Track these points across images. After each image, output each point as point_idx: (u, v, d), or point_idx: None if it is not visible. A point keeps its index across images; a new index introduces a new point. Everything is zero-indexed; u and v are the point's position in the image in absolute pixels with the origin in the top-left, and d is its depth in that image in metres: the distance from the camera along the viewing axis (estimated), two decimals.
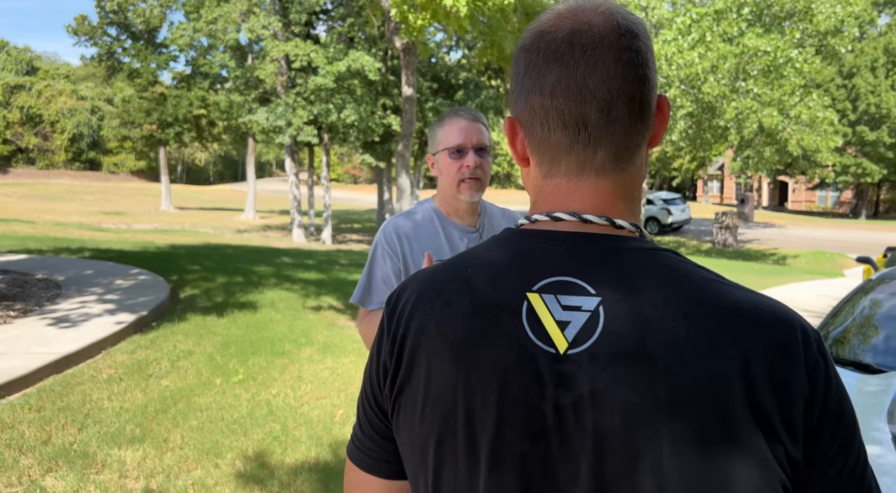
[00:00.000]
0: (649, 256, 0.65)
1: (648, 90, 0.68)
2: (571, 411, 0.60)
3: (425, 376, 0.67)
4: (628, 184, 0.69)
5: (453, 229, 1.74)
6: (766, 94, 15.30)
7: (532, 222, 0.71)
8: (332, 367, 5.02)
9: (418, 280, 0.73)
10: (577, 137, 0.67)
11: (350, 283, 8.90)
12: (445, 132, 1.69)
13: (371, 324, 1.71)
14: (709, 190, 48.93)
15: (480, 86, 17.77)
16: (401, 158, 6.42)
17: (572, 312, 0.62)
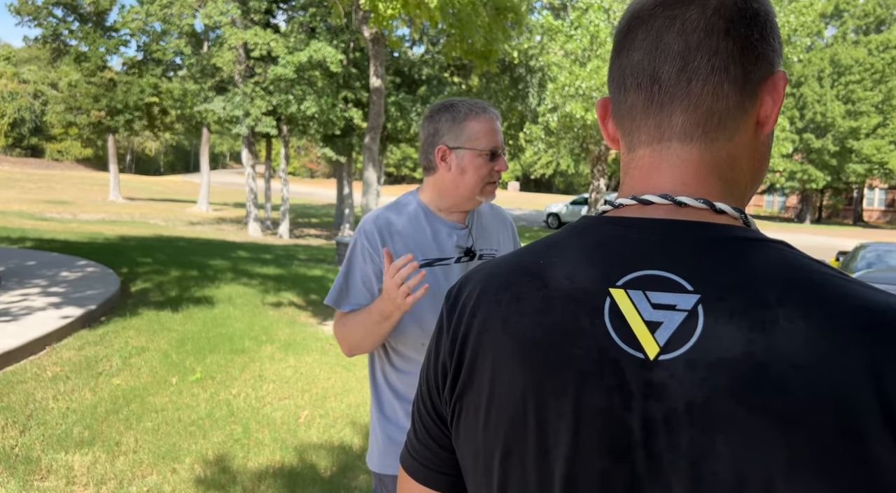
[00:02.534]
0: (757, 247, 0.56)
1: (746, 52, 0.58)
2: (663, 425, 0.52)
3: (490, 379, 0.59)
4: (723, 159, 0.59)
5: (441, 226, 1.60)
6: None
7: (617, 208, 0.62)
8: (294, 366, 4.83)
9: (483, 272, 0.66)
10: (650, 97, 0.59)
11: (311, 279, 8.67)
12: (477, 130, 1.55)
13: (346, 326, 1.56)
14: None
15: (444, 82, 17.63)
16: (368, 151, 6.25)
17: (665, 311, 0.54)
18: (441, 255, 1.57)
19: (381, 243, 1.55)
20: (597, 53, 16.04)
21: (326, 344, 5.43)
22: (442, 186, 1.59)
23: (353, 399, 4.21)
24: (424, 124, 1.63)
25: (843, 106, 33.20)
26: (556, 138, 17.91)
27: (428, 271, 1.53)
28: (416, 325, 1.54)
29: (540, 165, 41.87)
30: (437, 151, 1.57)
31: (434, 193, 1.61)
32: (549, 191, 53.22)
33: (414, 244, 1.56)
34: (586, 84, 15.04)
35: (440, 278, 1.55)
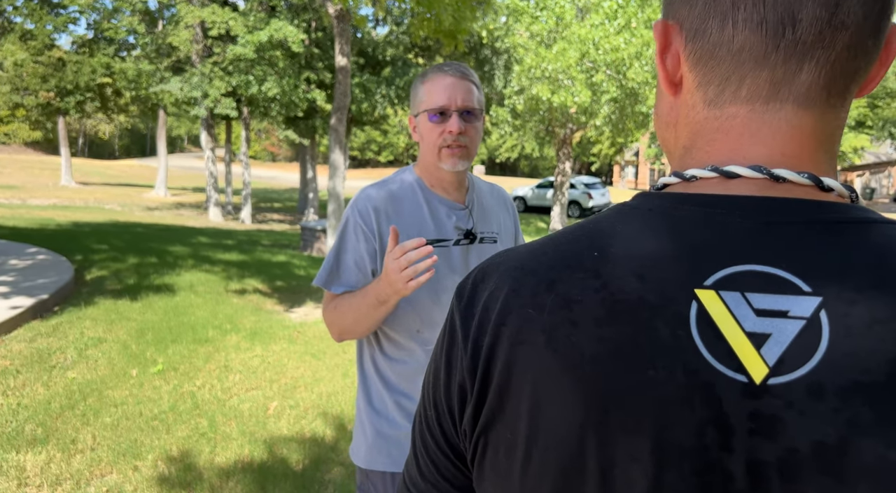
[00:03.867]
0: (887, 232, 0.44)
1: (889, 4, 0.46)
2: (777, 472, 0.39)
3: (530, 409, 0.45)
4: (833, 129, 0.47)
5: (439, 204, 1.49)
6: None
7: (688, 181, 0.48)
8: (261, 355, 4.67)
9: (509, 265, 0.51)
10: (777, 42, 0.44)
11: (275, 265, 8.46)
12: (427, 90, 1.44)
13: (337, 310, 1.45)
14: (625, 175, 50.67)
15: (409, 63, 17.35)
16: (334, 132, 6.05)
17: (774, 319, 0.41)
18: (439, 235, 1.47)
19: (376, 220, 1.44)
20: (562, 35, 15.97)
21: (294, 332, 5.28)
22: (421, 158, 1.52)
23: (324, 389, 4.08)
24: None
25: None
26: (522, 121, 17.85)
27: None
28: (411, 310, 1.44)
29: (505, 149, 41.89)
30: (410, 123, 1.53)
31: (421, 166, 1.53)
32: (515, 174, 53.37)
33: (411, 222, 1.46)
34: (552, 66, 14.98)
35: (438, 260, 1.44)
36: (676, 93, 0.51)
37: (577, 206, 23.76)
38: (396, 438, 1.47)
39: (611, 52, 14.83)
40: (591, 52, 14.94)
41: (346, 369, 4.45)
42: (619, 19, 15.38)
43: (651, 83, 15.67)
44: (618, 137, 18.64)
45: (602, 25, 15.28)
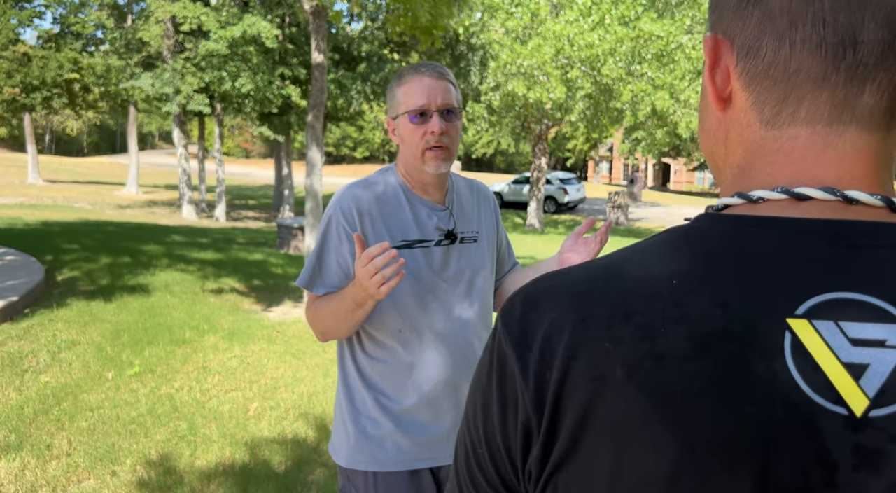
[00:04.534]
0: None
1: None
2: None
3: (612, 450, 0.42)
4: (893, 151, 0.47)
5: (420, 206, 1.49)
6: (659, 77, 15.91)
7: (754, 202, 0.47)
8: (240, 356, 4.62)
9: (568, 292, 0.48)
10: (837, 64, 0.44)
11: (252, 263, 8.38)
12: (406, 91, 1.43)
13: (319, 311, 1.45)
14: (599, 171, 51.09)
15: (384, 59, 17.25)
16: (310, 129, 5.99)
17: (870, 349, 0.40)
18: (422, 236, 1.47)
19: (360, 220, 1.43)
20: (537, 31, 16.03)
21: (273, 332, 5.23)
22: (402, 160, 1.51)
23: (305, 389, 4.05)
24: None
25: None
26: (499, 117, 17.89)
27: (408, 253, 1.44)
28: (394, 311, 1.44)
29: (481, 145, 41.93)
30: (388, 125, 1.51)
31: (402, 169, 1.52)
32: (491, 170, 53.47)
33: (393, 222, 1.46)
34: (528, 62, 15.03)
35: (420, 260, 1.46)
36: (725, 109, 0.50)
37: (553, 201, 23.92)
38: (379, 437, 1.47)
39: (585, 49, 14.93)
40: (566, 48, 15.02)
41: (326, 369, 4.43)
42: (593, 16, 15.49)
43: (625, 79, 15.82)
44: (592, 132, 18.79)
45: (576, 22, 15.36)
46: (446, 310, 1.49)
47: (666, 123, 17.55)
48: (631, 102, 16.10)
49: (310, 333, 5.30)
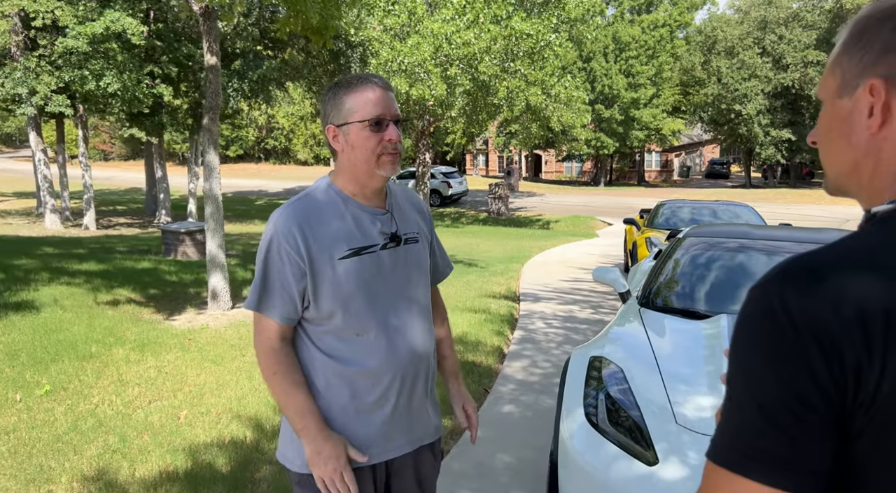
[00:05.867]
0: None
1: None
2: None
3: None
4: None
5: (362, 212, 1.52)
6: (531, 74, 16.80)
7: None
8: (156, 366, 4.54)
9: (851, 263, 0.65)
10: None
11: (143, 272, 8.03)
12: (358, 101, 1.47)
13: (276, 375, 1.47)
14: (477, 164, 52.57)
15: (260, 56, 16.82)
16: (207, 132, 5.89)
17: None
18: (367, 242, 1.51)
19: (300, 238, 1.45)
20: (415, 29, 16.34)
21: (185, 340, 5.15)
22: (344, 167, 1.52)
23: (232, 393, 4.09)
24: (321, 111, 1.58)
25: (625, 79, 37.20)
26: None
27: (357, 260, 1.49)
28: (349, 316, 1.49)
29: None
30: (328, 132, 1.51)
31: (343, 178, 1.53)
32: None
33: (336, 233, 1.48)
34: (408, 60, 15.30)
35: (369, 265, 1.50)
36: (880, 131, 0.69)
37: (438, 195, 24.46)
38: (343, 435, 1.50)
39: (462, 47, 15.44)
40: (445, 46, 15.45)
41: (249, 373, 4.47)
42: (467, 14, 16.04)
43: (501, 76, 16.54)
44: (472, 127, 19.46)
45: (453, 21, 15.84)
46: (396, 309, 1.54)
47: (539, 117, 18.56)
48: (507, 97, 16.86)
49: (224, 339, 5.28)
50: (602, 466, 2.30)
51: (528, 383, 4.54)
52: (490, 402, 4.17)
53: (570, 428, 2.50)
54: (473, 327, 5.75)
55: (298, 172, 44.53)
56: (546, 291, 8.09)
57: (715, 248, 3.85)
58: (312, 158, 53.84)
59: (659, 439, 2.28)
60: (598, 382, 2.64)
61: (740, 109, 37.11)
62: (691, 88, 41.90)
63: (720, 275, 3.67)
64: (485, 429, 3.74)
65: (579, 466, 2.38)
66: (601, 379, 2.65)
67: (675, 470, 2.17)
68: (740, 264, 3.72)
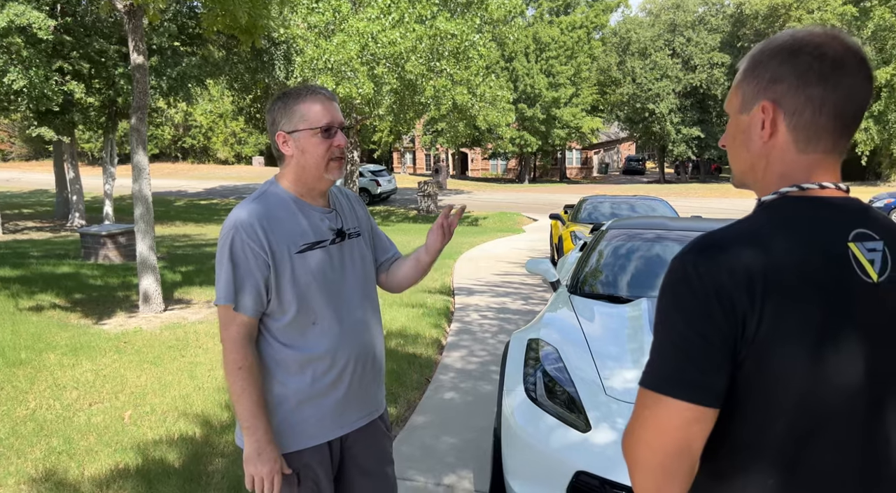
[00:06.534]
0: (876, 209, 0.96)
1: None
2: (887, 322, 0.92)
3: (782, 310, 0.89)
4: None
5: (312, 211, 1.66)
6: (457, 74, 17.11)
7: (802, 190, 0.93)
8: (93, 369, 4.47)
9: (741, 242, 0.89)
10: (837, 124, 0.91)
11: (65, 277, 7.75)
12: (307, 110, 1.61)
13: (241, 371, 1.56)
14: (405, 162, 52.63)
15: (179, 53, 16.31)
16: (136, 132, 5.78)
17: (873, 253, 0.90)
18: (318, 238, 1.65)
19: (261, 233, 1.56)
20: (340, 27, 16.30)
21: (120, 343, 5.08)
22: (293, 171, 1.64)
23: (176, 393, 4.11)
24: (266, 118, 1.71)
25: (546, 79, 38.27)
26: None
27: (311, 254, 1.62)
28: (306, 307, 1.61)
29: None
30: (278, 138, 1.63)
31: (290, 180, 1.65)
32: None
33: (291, 230, 1.61)
34: (334, 58, 15.26)
35: (322, 258, 1.64)
36: (769, 141, 0.93)
37: (367, 193, 24.42)
38: (299, 420, 1.62)
39: (389, 46, 15.54)
40: (371, 45, 15.51)
41: (191, 372, 4.48)
42: (392, 14, 16.16)
43: (427, 75, 16.77)
44: (399, 125, 19.59)
45: (378, 20, 15.92)
46: (347, 297, 1.69)
47: (466, 116, 18.91)
48: (434, 96, 17.10)
49: (160, 341, 5.23)
50: (542, 436, 2.55)
51: (466, 370, 4.77)
52: (432, 390, 4.38)
53: (512, 404, 2.74)
54: (412, 321, 5.94)
55: (219, 171, 43.19)
56: (479, 284, 8.38)
57: (634, 239, 4.20)
58: (233, 157, 52.36)
59: (591, 408, 2.54)
60: (536, 361, 2.89)
61: (653, 107, 38.98)
62: (608, 87, 43.61)
63: (640, 263, 4.01)
64: (428, 415, 3.94)
65: (521, 437, 2.61)
66: (538, 359, 2.90)
67: (606, 435, 2.44)
68: (657, 253, 4.07)
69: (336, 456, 1.71)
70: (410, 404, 4.12)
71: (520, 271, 9.55)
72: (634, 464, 0.89)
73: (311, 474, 1.64)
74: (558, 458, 2.46)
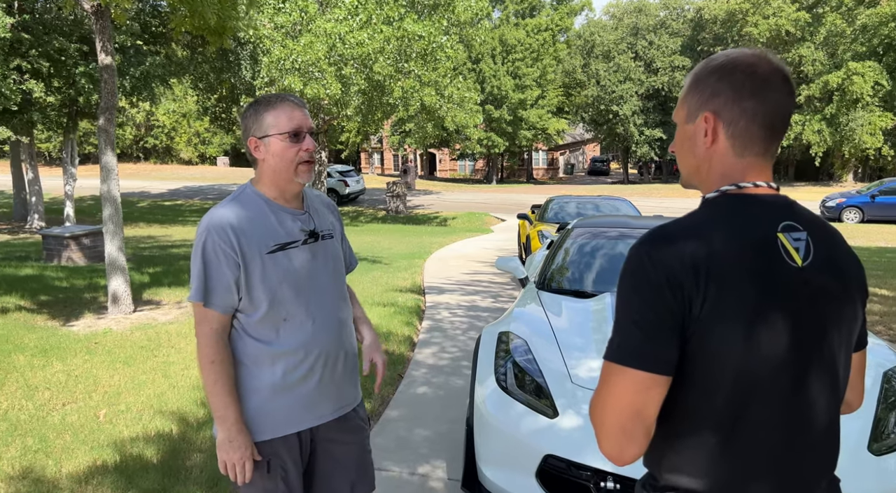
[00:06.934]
0: (799, 205, 1.11)
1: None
2: (812, 297, 1.06)
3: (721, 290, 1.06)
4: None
5: (284, 214, 1.74)
6: (425, 75, 17.23)
7: (739, 188, 1.07)
8: (65, 370, 4.46)
9: (684, 233, 1.03)
10: (770, 132, 1.06)
11: (28, 279, 7.63)
12: (276, 117, 1.70)
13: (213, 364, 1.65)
14: (373, 162, 52.51)
15: (142, 51, 16.06)
16: (104, 133, 5.74)
17: (798, 242, 1.05)
18: (290, 239, 1.73)
19: (233, 236, 1.64)
20: (308, 28, 16.27)
21: (90, 344, 5.06)
22: (265, 174, 1.73)
23: (151, 391, 4.14)
24: (241, 124, 1.80)
25: (512, 80, 38.65)
26: None
27: (283, 254, 1.71)
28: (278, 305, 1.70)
29: None
30: (250, 143, 1.72)
31: (264, 183, 1.74)
32: None
33: (262, 232, 1.69)
34: (302, 58, 15.22)
35: (293, 258, 1.72)
36: (711, 146, 1.08)
37: (335, 194, 24.34)
38: (275, 409, 1.71)
39: (356, 47, 15.57)
40: (339, 46, 15.51)
41: (165, 371, 4.51)
42: (360, 15, 16.19)
43: (395, 76, 16.85)
44: (367, 126, 19.61)
45: (346, 21, 15.93)
46: (319, 295, 1.77)
47: (434, 117, 19.03)
48: (402, 97, 17.18)
49: (132, 341, 5.23)
50: (512, 422, 2.68)
51: (438, 366, 4.90)
52: (405, 385, 4.49)
53: (484, 394, 2.87)
54: (384, 320, 6.04)
55: (182, 171, 42.47)
56: (449, 283, 8.51)
57: (599, 237, 4.38)
58: (197, 157, 51.51)
59: (558, 396, 2.69)
60: (507, 353, 3.03)
61: (617, 109, 39.68)
62: (573, 89, 44.23)
63: (603, 260, 4.19)
64: (402, 408, 4.05)
65: (492, 425, 2.75)
66: (509, 351, 3.04)
67: (572, 420, 2.59)
68: (620, 250, 4.25)
69: (306, 448, 1.80)
70: (384, 399, 4.22)
71: (489, 269, 9.72)
72: (601, 427, 1.03)
73: (280, 462, 1.73)
74: (528, 443, 2.59)
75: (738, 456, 1.02)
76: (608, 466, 2.38)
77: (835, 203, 19.76)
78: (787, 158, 38.10)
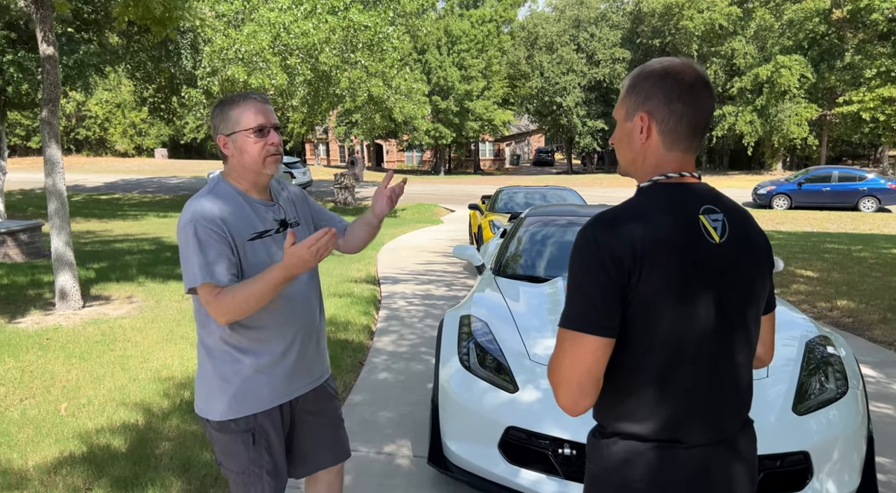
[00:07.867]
0: (719, 192, 1.29)
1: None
2: (725, 272, 1.23)
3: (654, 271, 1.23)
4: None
5: (258, 205, 1.86)
6: (372, 65, 17.20)
7: (668, 178, 1.25)
8: (19, 366, 4.40)
9: (628, 217, 1.20)
10: (694, 131, 1.24)
11: None
12: (241, 115, 1.81)
13: (235, 298, 1.71)
14: (318, 153, 51.82)
15: (75, 40, 15.44)
16: (47, 126, 5.57)
17: (716, 222, 1.23)
18: (265, 228, 1.86)
19: (222, 220, 1.75)
20: (251, 17, 15.99)
21: (42, 340, 4.97)
22: (235, 169, 1.85)
23: (111, 384, 4.13)
24: (210, 123, 1.90)
25: (458, 72, 38.83)
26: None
27: (261, 242, 1.83)
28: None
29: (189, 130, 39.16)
30: (219, 140, 1.84)
31: (234, 177, 1.86)
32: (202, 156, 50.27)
33: (241, 221, 1.80)
34: (245, 48, 14.97)
35: (270, 245, 1.85)
36: (645, 142, 1.24)
37: None
38: (256, 386, 1.87)
39: (301, 37, 15.42)
40: (283, 35, 15.33)
41: (123, 365, 4.49)
42: (304, 4, 16.01)
43: (342, 67, 16.77)
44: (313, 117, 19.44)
45: (290, 10, 15.73)
46: (295, 280, 1.85)
47: (382, 108, 19.03)
48: (349, 88, 17.12)
49: (85, 336, 5.17)
50: (475, 399, 2.86)
51: (398, 353, 5.04)
52: (366, 372, 4.61)
53: (448, 373, 3.04)
54: (341, 310, 6.13)
55: (118, 164, 40.93)
56: (403, 273, 8.64)
57: (549, 225, 4.61)
58: (133, 150, 49.73)
59: (518, 372, 2.88)
60: (468, 335, 3.20)
61: (560, 101, 40.43)
62: (518, 80, 44.78)
63: (554, 247, 4.41)
64: (364, 394, 4.18)
65: (457, 402, 2.92)
66: (471, 332, 3.21)
67: (531, 394, 2.78)
68: (570, 238, 4.49)
69: (287, 418, 1.96)
70: (347, 385, 4.34)
71: (442, 259, 9.89)
72: (558, 383, 1.20)
73: (264, 434, 1.88)
74: (490, 417, 2.78)
75: (671, 404, 1.21)
76: (565, 434, 2.58)
77: (766, 191, 20.80)
78: (722, 148, 39.76)
